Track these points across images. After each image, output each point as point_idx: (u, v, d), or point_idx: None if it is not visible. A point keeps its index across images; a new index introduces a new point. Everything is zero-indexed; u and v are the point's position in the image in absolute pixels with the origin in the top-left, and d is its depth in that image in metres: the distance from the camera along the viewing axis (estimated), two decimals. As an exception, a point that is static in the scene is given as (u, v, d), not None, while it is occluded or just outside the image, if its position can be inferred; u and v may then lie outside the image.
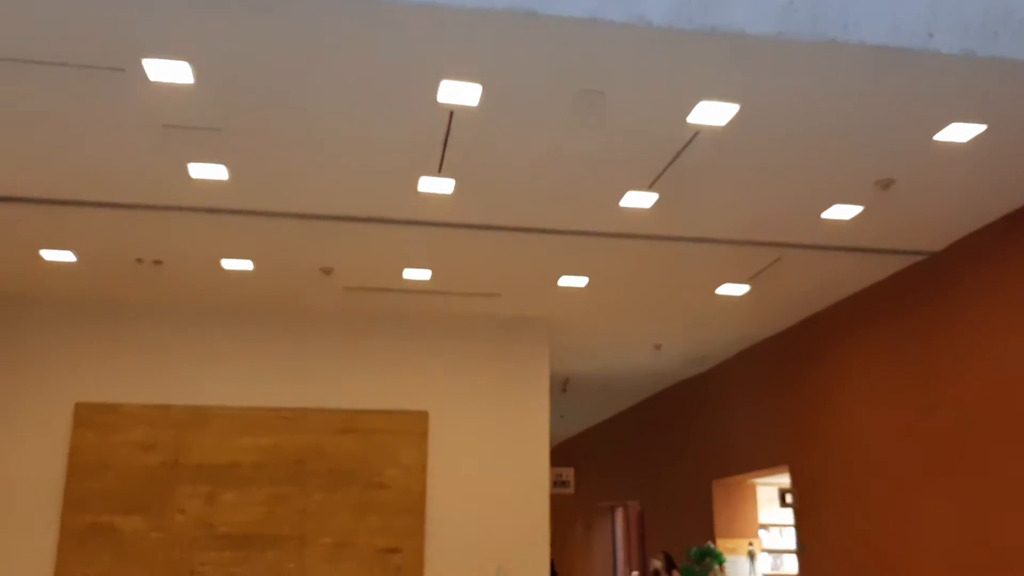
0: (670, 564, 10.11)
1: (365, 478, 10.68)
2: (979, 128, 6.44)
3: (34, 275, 9.85)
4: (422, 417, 11.04)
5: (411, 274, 9.85)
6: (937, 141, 6.67)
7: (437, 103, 6.18)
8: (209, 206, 8.05)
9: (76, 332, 10.65)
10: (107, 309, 10.75)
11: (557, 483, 13.68)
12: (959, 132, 6.50)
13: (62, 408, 10.38)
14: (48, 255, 9.20)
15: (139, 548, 10.04)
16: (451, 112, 6.30)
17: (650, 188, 7.59)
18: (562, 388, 15.37)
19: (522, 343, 11.61)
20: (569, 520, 21.52)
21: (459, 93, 6.01)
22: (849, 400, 10.48)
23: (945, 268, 8.92)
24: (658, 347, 13.07)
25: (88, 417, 10.35)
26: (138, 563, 9.99)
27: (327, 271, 9.72)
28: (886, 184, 7.42)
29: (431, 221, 8.41)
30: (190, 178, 7.44)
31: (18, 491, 10.05)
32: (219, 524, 10.26)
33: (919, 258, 9.24)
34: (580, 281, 10.07)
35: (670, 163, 7.10)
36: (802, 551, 11.39)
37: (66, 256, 9.23)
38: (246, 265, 9.55)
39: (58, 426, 10.32)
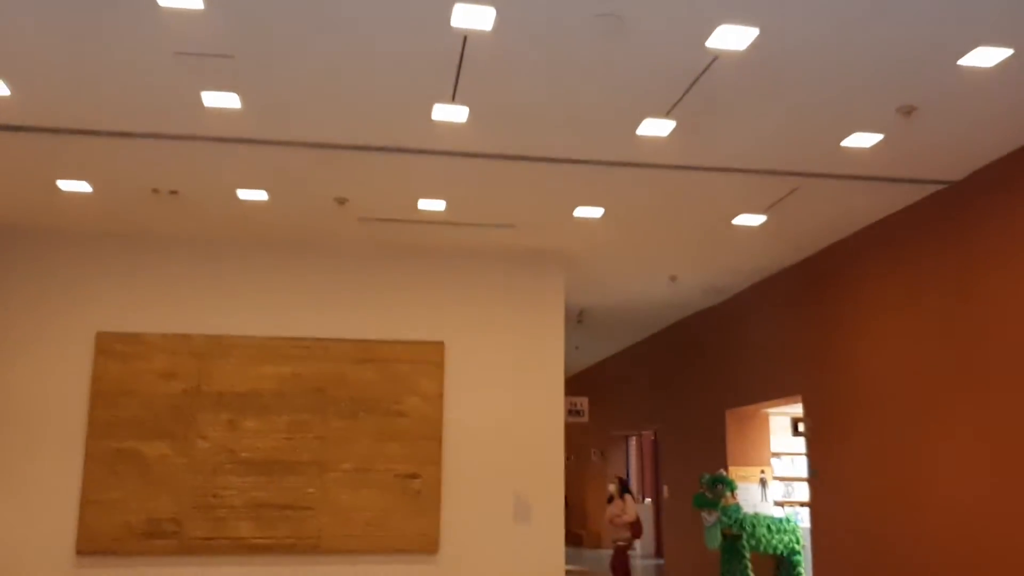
0: (623, 488, 10.15)
1: (384, 406, 10.85)
2: (1006, 52, 6.29)
3: (51, 206, 9.91)
4: (438, 347, 11.14)
5: (426, 205, 9.84)
6: (961, 66, 6.53)
7: (450, 27, 6.09)
8: (223, 135, 8.03)
9: (96, 263, 10.76)
10: (125, 240, 10.83)
11: (571, 412, 13.84)
12: (985, 56, 6.35)
13: (84, 338, 10.54)
14: (64, 185, 9.24)
15: (164, 473, 10.30)
16: (464, 37, 6.21)
17: (667, 116, 7.49)
18: (577, 319, 15.44)
19: (537, 274, 11.64)
20: (584, 449, 21.83)
21: (473, 17, 5.92)
22: (865, 330, 10.48)
23: (966, 197, 8.82)
24: (674, 278, 13.06)
25: (109, 346, 10.52)
26: (163, 487, 10.25)
27: (341, 201, 9.72)
28: (908, 111, 7.30)
29: (445, 150, 8.37)
30: (203, 107, 7.41)
31: (44, 418, 10.29)
32: (241, 450, 10.48)
33: (939, 187, 9.14)
34: (596, 212, 10.04)
35: (688, 89, 7.00)
36: (814, 477, 11.54)
37: (82, 187, 9.27)
38: (261, 196, 9.57)
39: (80, 355, 10.50)
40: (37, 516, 10.02)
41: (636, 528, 10.12)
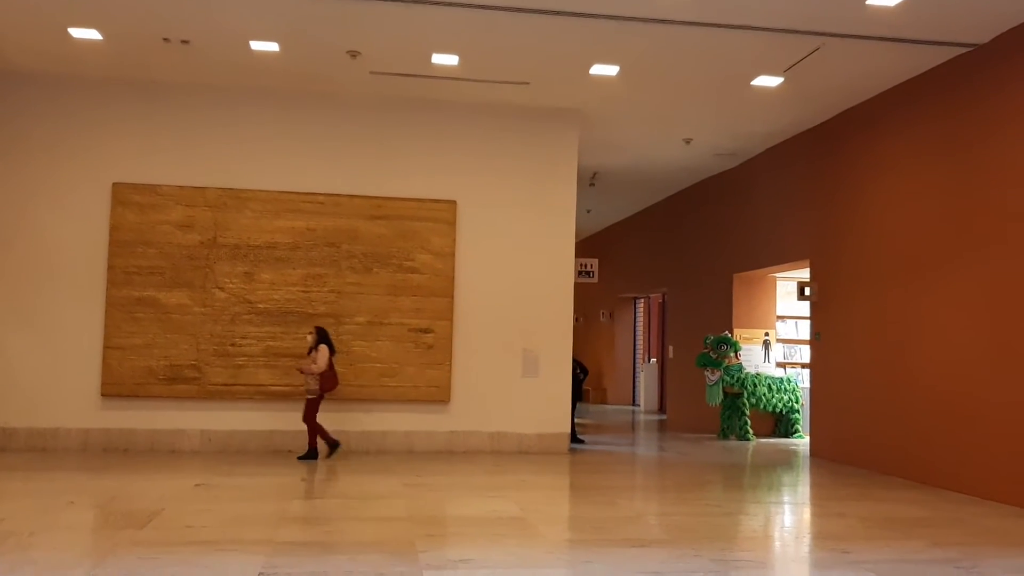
0: (320, 338, 9.86)
1: (397, 262, 11.05)
2: (1042, -96, 6.05)
3: (63, 54, 9.83)
4: (451, 206, 11.23)
5: (439, 59, 9.71)
6: (995, -81, 6.29)
7: None
8: (234, -18, 7.87)
9: (110, 113, 10.75)
10: (139, 90, 10.77)
11: (581, 272, 14.01)
12: (1020, -91, 6.11)
13: (100, 187, 10.66)
14: (76, 33, 9.14)
15: (183, 321, 10.62)
16: None
17: (688, -32, 7.28)
18: (590, 182, 15.42)
19: (551, 134, 11.58)
20: (592, 310, 22.22)
21: None
22: (874, 194, 10.49)
23: (989, 60, 8.64)
24: (688, 141, 12.96)
25: (126, 197, 10.65)
26: (183, 335, 10.60)
27: (353, 54, 9.60)
28: (936, -33, 7.07)
29: (459, 2, 8.19)
30: (213, -49, 7.24)
31: (65, 265, 10.54)
32: (258, 301, 10.76)
33: (963, 50, 8.94)
34: (611, 70, 9.89)
35: (710, -59, 6.78)
36: (817, 339, 11.82)
37: (92, 34, 9.17)
38: (272, 47, 9.45)
39: (97, 205, 10.65)
40: (63, 359, 10.42)
41: (326, 380, 9.91)
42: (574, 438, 12.23)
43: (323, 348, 9.97)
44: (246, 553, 5.54)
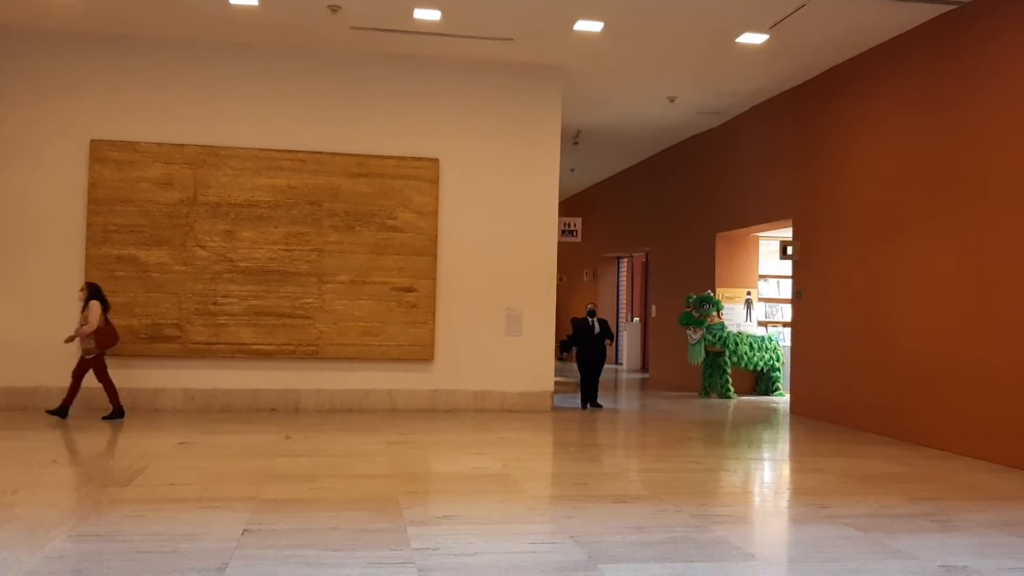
0: (92, 294, 9.51)
1: (379, 220, 10.99)
2: None
3: (38, 6, 9.61)
4: (433, 164, 11.15)
5: (421, 14, 9.57)
6: None
7: None
8: (211, -67, 7.70)
9: (87, 68, 10.55)
10: (116, 45, 10.57)
11: (565, 232, 13.99)
12: None
13: (78, 145, 10.50)
14: (48, -15, 8.94)
15: (164, 280, 10.54)
16: None
17: (673, -78, 7.18)
18: (573, 141, 15.34)
19: (535, 91, 11.48)
20: (576, 269, 22.23)
21: None
22: (857, 153, 10.50)
23: (975, 17, 8.61)
24: (672, 99, 12.89)
25: (104, 153, 10.50)
26: (164, 293, 10.53)
27: (334, 9, 9.44)
28: (924, -78, 7.00)
29: (442, -45, 8.06)
30: (189, -100, 7.07)
31: (42, 223, 10.41)
32: (239, 260, 10.69)
33: (949, 7, 8.90)
34: (596, 26, 9.79)
35: None
36: (799, 298, 11.89)
37: (67, -14, 8.97)
38: (252, 1, 9.28)
39: (75, 161, 10.50)
40: (43, 318, 10.31)
41: (104, 336, 9.50)
42: (593, 401, 12.02)
43: (94, 304, 9.51)
44: (230, 510, 5.57)
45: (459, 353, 11.19)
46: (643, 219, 17.84)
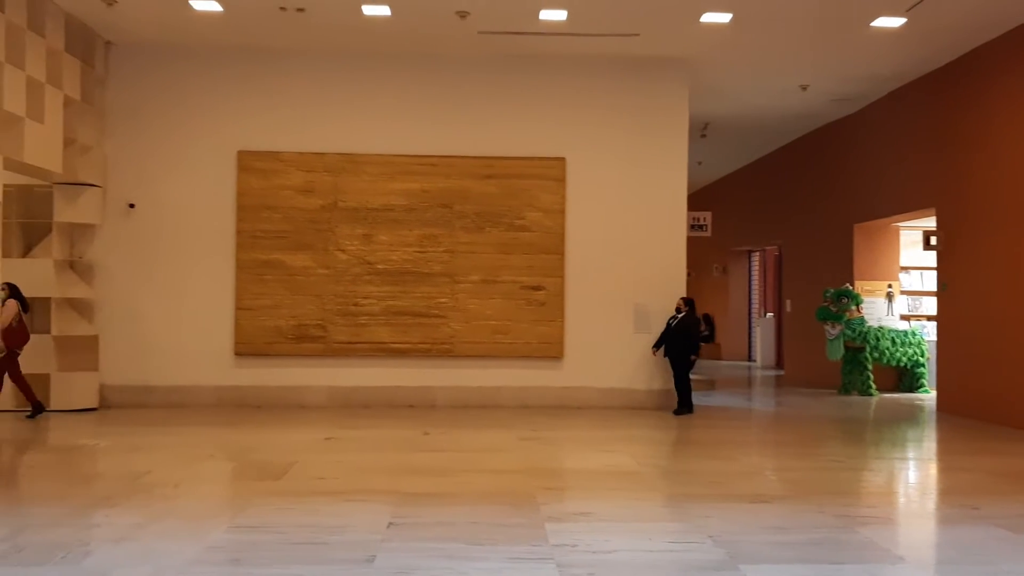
0: (10, 293, 9.04)
1: (507, 220, 11.17)
2: None
3: (185, 25, 10.23)
4: (560, 163, 11.24)
5: (547, 15, 9.67)
6: None
7: None
8: (345, -50, 8.01)
9: (230, 83, 11.16)
10: (256, 59, 11.11)
11: (694, 226, 13.78)
12: None
13: (226, 156, 11.11)
14: (196, 4, 9.50)
15: (308, 282, 11.05)
16: None
17: (804, -92, 7.01)
18: (701, 133, 15.11)
19: (661, 86, 11.39)
20: (705, 264, 21.87)
21: None
22: (1008, 139, 9.93)
23: None
24: (804, 87, 12.52)
25: (250, 164, 11.09)
26: (308, 295, 11.03)
27: (463, 15, 9.66)
28: None
29: (568, -43, 8.12)
30: (325, -79, 7.38)
31: (197, 230, 11.08)
32: (376, 262, 11.09)
33: (1109, -23, 8.32)
34: (723, 17, 9.64)
35: None
36: (943, 289, 11.36)
37: (212, 5, 9.52)
38: (384, 11, 9.61)
39: (224, 172, 11.11)
40: (199, 321, 10.99)
41: (13, 335, 9.10)
42: (678, 407, 10.69)
43: (11, 303, 9.43)
44: (375, 503, 5.82)
45: (587, 350, 11.23)
46: (775, 211, 17.40)
